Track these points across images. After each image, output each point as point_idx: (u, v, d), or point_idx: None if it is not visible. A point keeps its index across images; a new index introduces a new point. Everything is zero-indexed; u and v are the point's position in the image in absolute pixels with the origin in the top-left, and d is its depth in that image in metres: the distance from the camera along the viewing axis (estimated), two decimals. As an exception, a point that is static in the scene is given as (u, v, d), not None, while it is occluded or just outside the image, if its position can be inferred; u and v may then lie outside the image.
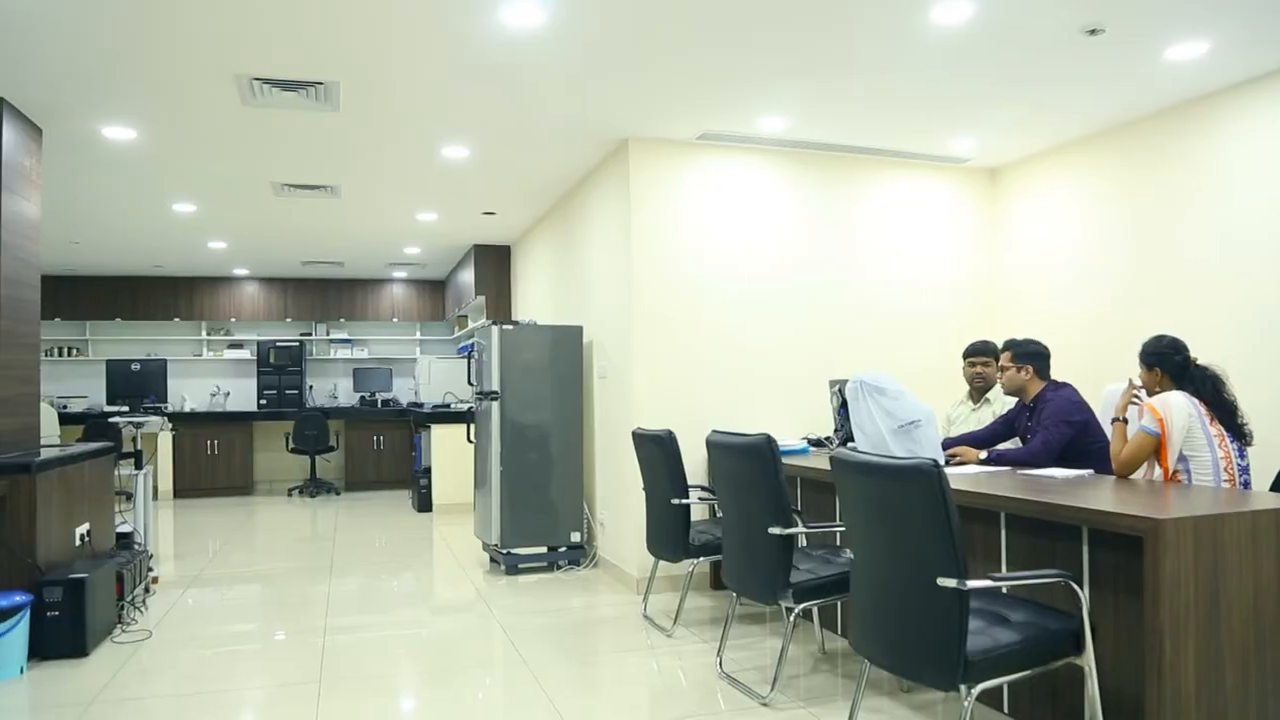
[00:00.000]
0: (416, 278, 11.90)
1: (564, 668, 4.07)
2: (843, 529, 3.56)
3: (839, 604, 4.37)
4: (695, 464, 5.18)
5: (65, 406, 10.36)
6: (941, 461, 2.63)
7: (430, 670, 4.09)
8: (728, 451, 3.78)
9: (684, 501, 4.43)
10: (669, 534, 4.53)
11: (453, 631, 4.73)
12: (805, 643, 4.35)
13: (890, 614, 2.72)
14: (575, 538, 6.13)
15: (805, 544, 4.18)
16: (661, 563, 4.81)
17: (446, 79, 4.49)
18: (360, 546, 7.18)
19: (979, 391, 4.95)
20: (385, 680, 3.93)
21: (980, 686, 2.53)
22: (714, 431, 3.91)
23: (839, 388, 4.79)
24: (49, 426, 5.38)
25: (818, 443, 5.33)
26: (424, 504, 8.92)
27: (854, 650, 2.99)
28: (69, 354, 11.12)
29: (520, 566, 6.04)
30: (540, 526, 6.06)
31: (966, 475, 3.70)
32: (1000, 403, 4.75)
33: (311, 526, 8.30)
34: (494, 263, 9.42)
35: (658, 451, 4.53)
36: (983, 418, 4.83)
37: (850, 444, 4.16)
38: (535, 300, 8.29)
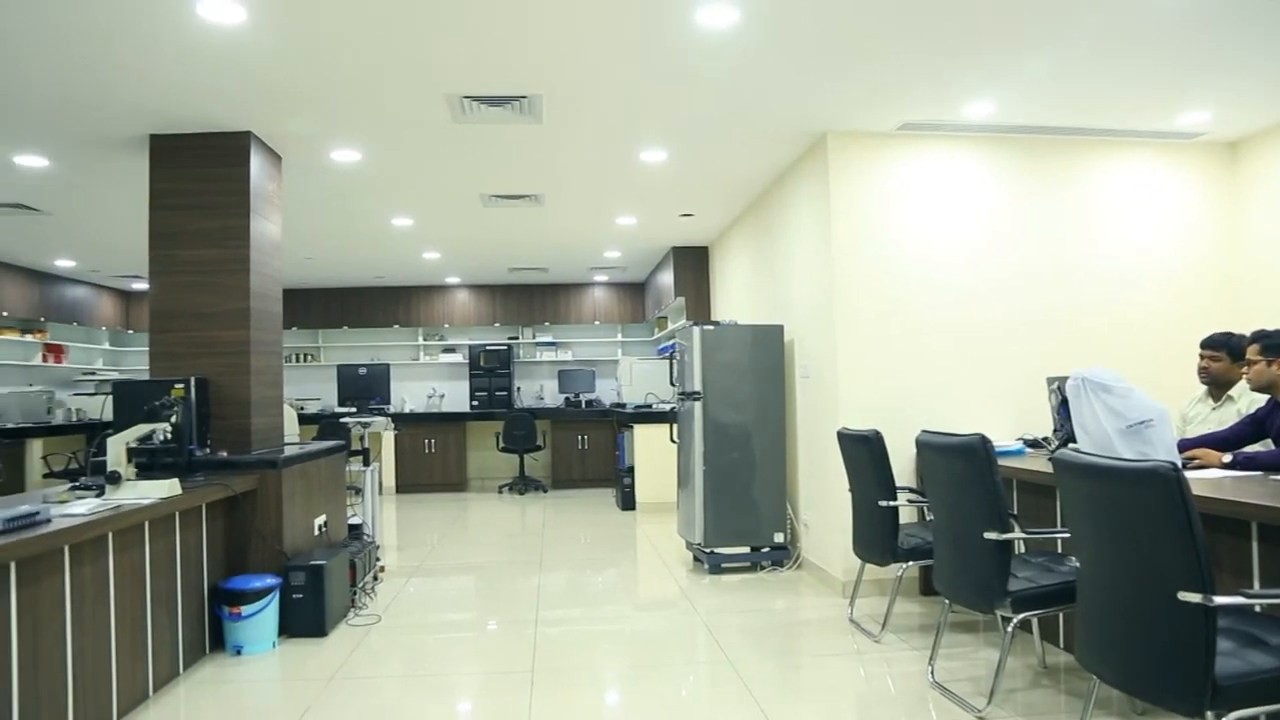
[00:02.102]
0: (617, 281, 12.17)
1: (769, 669, 4.03)
2: (1066, 535, 3.34)
3: (1061, 615, 4.10)
4: (903, 464, 5.01)
5: (302, 408, 11.30)
6: (1179, 464, 2.41)
7: (636, 665, 4.16)
8: (939, 452, 3.63)
9: (892, 504, 4.29)
10: (876, 536, 4.40)
11: (657, 628, 4.79)
12: (1024, 655, 4.11)
13: (1123, 629, 2.51)
14: (778, 538, 6.07)
15: (1023, 550, 3.95)
16: (868, 566, 4.68)
17: (644, 84, 4.56)
18: (567, 543, 7.41)
19: (1221, 388, 4.50)
20: (593, 673, 4.04)
21: (1233, 716, 2.30)
22: (924, 431, 3.76)
23: (1058, 385, 4.49)
24: (290, 426, 5.88)
25: (1034, 443, 5.03)
26: (627, 502, 9.11)
27: (1080, 666, 2.79)
28: (304, 360, 12.13)
29: (723, 566, 6.05)
30: (743, 526, 6.04)
31: (1209, 480, 3.38)
32: (1246, 400, 4.29)
33: (521, 522, 8.65)
34: (692, 264, 9.50)
35: (864, 452, 4.41)
36: (1225, 417, 4.39)
37: (1072, 445, 3.89)
38: (734, 300, 8.29)
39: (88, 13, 3.60)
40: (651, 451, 8.87)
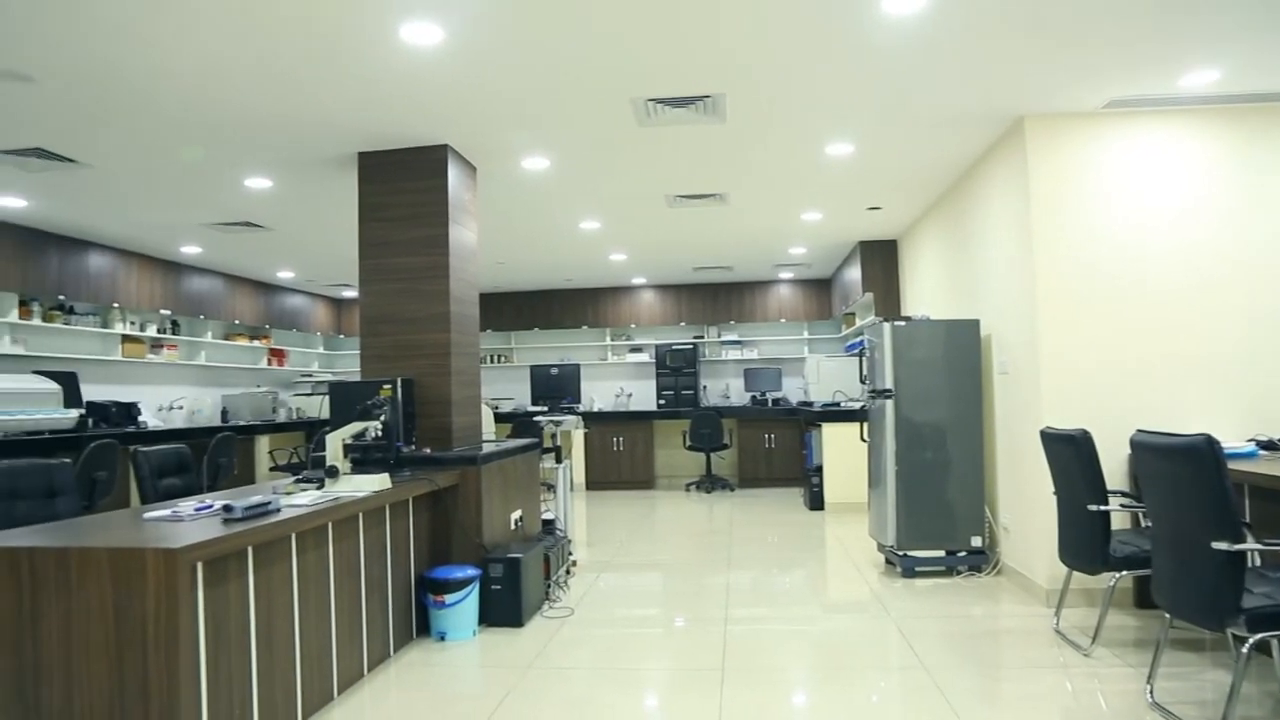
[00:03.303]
0: (802, 278, 12.02)
1: (967, 678, 3.87)
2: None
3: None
4: (1114, 466, 4.69)
5: (497, 407, 11.82)
6: None
7: (827, 667, 4.09)
8: (1157, 454, 3.36)
9: (1103, 508, 4.02)
10: (1085, 543, 4.13)
11: (848, 631, 4.69)
12: (1262, 680, 3.75)
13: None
14: (976, 542, 5.81)
15: (1259, 563, 3.60)
16: (1076, 574, 4.41)
17: (828, 76, 4.48)
18: (754, 541, 7.38)
19: None
20: (783, 673, 4.00)
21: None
22: (1139, 431, 3.50)
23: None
24: (487, 425, 6.16)
25: (1269, 444, 4.58)
26: (816, 502, 8.97)
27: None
28: (498, 361, 12.67)
29: (917, 569, 5.85)
30: (938, 528, 5.83)
31: None
32: None
33: (708, 520, 8.69)
34: (880, 258, 9.24)
35: (1070, 452, 4.15)
36: None
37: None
38: (925, 294, 8.01)
39: (303, 43, 3.90)
40: (840, 450, 8.71)
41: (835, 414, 8.82)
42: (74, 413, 7.31)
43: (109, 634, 2.67)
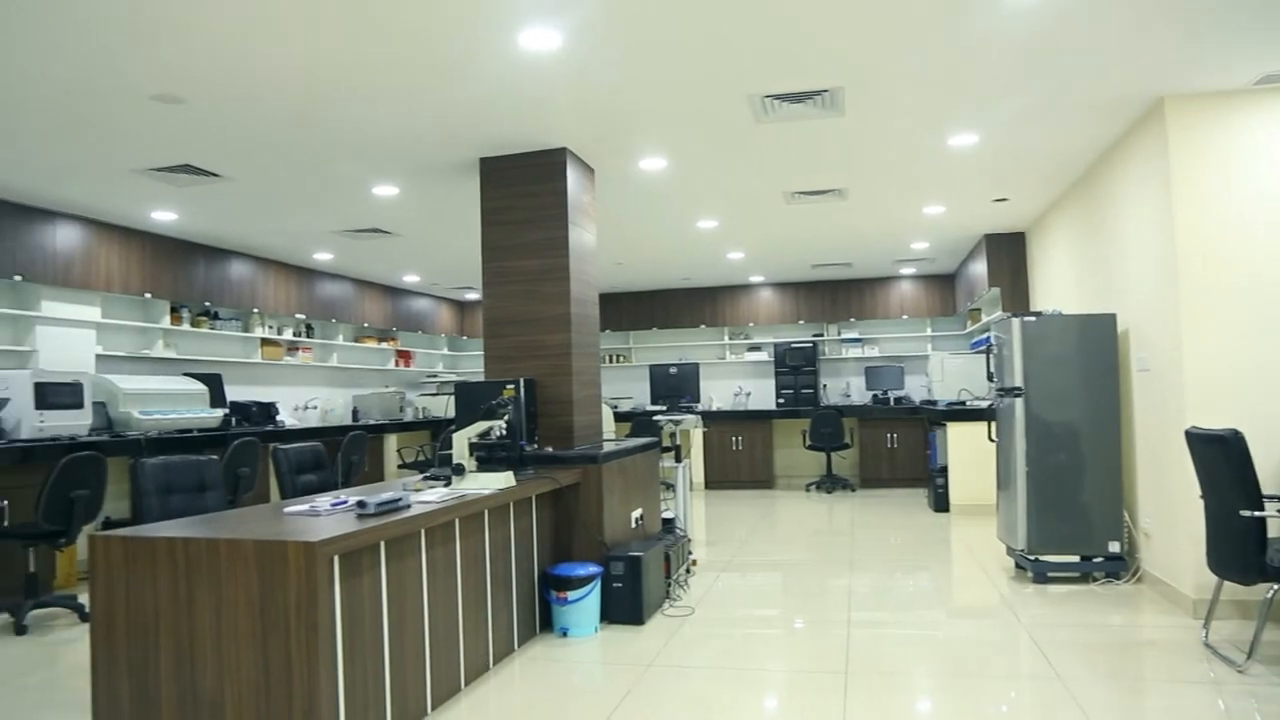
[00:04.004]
0: (924, 273, 11.71)
1: (1105, 691, 3.69)
2: None
3: None
4: (1271, 469, 4.40)
5: (616, 406, 11.93)
6: None
7: (954, 674, 3.97)
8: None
9: (1257, 514, 3.77)
10: (1237, 551, 3.89)
11: (975, 637, 4.54)
12: None
13: None
14: (1113, 548, 5.54)
15: None
16: (1227, 584, 4.15)
17: (950, 63, 4.35)
18: (876, 543, 7.23)
19: None
20: (908, 678, 3.90)
21: None
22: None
23: None
24: (607, 424, 6.22)
25: None
26: (940, 503, 8.73)
27: None
28: (616, 360, 12.78)
29: (1049, 575, 5.62)
30: (1072, 533, 5.58)
31: None
32: None
33: (828, 521, 8.56)
34: (1007, 251, 8.92)
35: (1219, 454, 3.91)
36: None
37: None
38: (1056, 288, 7.68)
39: (426, 55, 4.02)
40: (966, 450, 8.45)
41: (961, 413, 8.57)
42: (219, 412, 7.74)
43: (255, 621, 2.82)
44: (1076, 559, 5.59)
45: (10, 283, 6.65)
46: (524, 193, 5.57)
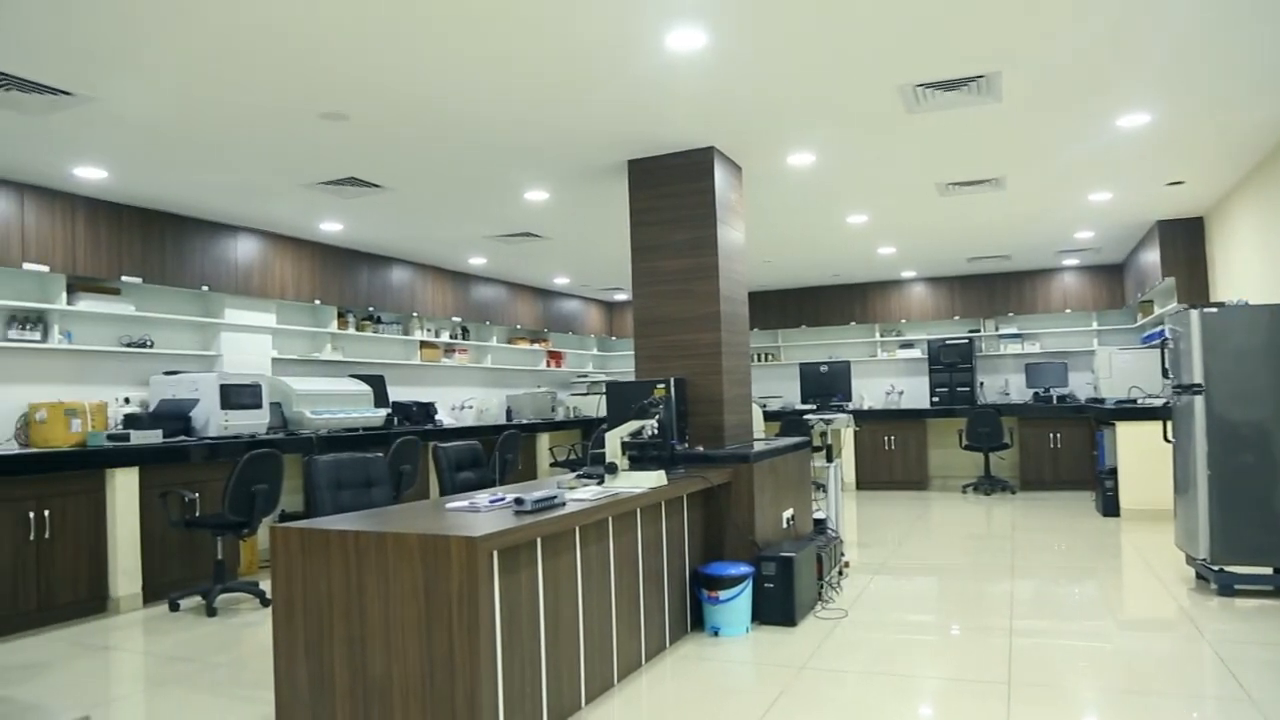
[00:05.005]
0: (1089, 264, 11.10)
1: (1306, 713, 3.40)
2: None
3: None
4: None
5: (765, 405, 11.83)
6: None
7: (1128, 690, 3.74)
8: None
9: None
10: None
11: (1151, 651, 4.27)
12: None
13: None
14: (1310, 558, 5.10)
15: None
16: None
17: (1119, 41, 4.11)
18: (1039, 548, 6.91)
19: None
20: (1078, 693, 3.71)
21: None
22: None
23: None
24: (757, 423, 6.18)
25: None
26: (1109, 507, 8.26)
27: None
28: (765, 359, 12.69)
29: (1236, 587, 5.23)
30: (1264, 542, 5.16)
31: None
32: None
33: (986, 524, 8.24)
34: (1183, 238, 8.35)
35: None
36: None
37: None
38: (1240, 277, 7.14)
39: (574, 61, 4.10)
40: (1138, 451, 7.96)
41: (1131, 411, 8.07)
42: (382, 412, 8.13)
43: (420, 611, 2.94)
44: (1269, 571, 5.16)
45: (199, 293, 7.18)
46: (672, 193, 5.60)
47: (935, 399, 11.27)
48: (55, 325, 6.12)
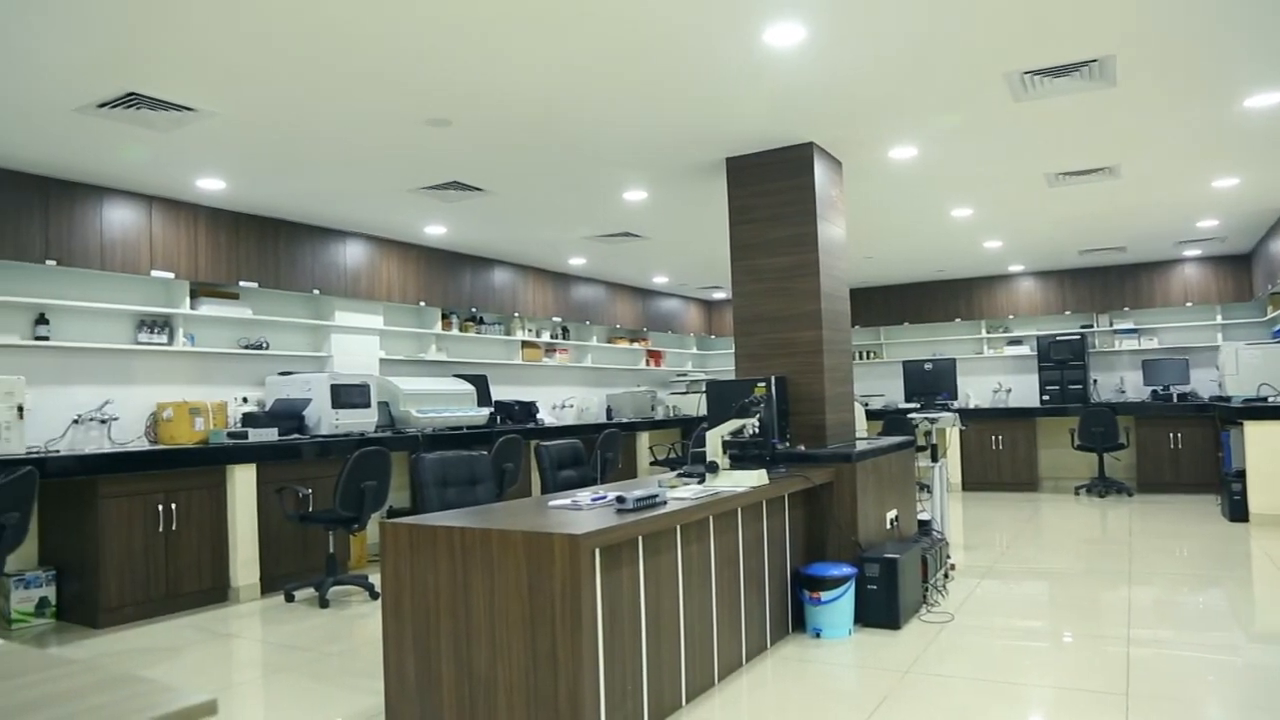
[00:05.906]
0: (1213, 254, 10.55)
1: None
2: None
3: None
4: None
5: (867, 404, 11.63)
6: None
7: (1262, 708, 3.54)
8: None
9: None
10: None
11: (1288, 663, 4.04)
12: None
13: None
14: None
15: None
16: None
17: (1247, 15, 3.89)
18: (1159, 554, 6.60)
19: None
20: (1203, 708, 3.53)
21: None
22: None
23: None
24: (859, 422, 6.08)
25: None
26: (1237, 512, 7.84)
27: None
28: (867, 357, 12.47)
29: (1378, 596, 4.91)
30: (1407, 549, 4.84)
31: None
32: None
33: (1101, 528, 7.92)
34: (1317, 227, 7.88)
35: None
36: None
37: None
38: (1382, 267, 6.69)
39: (671, 59, 4.10)
40: (1270, 452, 7.55)
41: (1261, 410, 7.65)
42: (485, 411, 8.29)
43: (524, 607, 2.99)
44: None
45: (311, 296, 7.46)
46: (771, 190, 5.55)
47: (1045, 397, 10.89)
48: (180, 329, 6.44)
